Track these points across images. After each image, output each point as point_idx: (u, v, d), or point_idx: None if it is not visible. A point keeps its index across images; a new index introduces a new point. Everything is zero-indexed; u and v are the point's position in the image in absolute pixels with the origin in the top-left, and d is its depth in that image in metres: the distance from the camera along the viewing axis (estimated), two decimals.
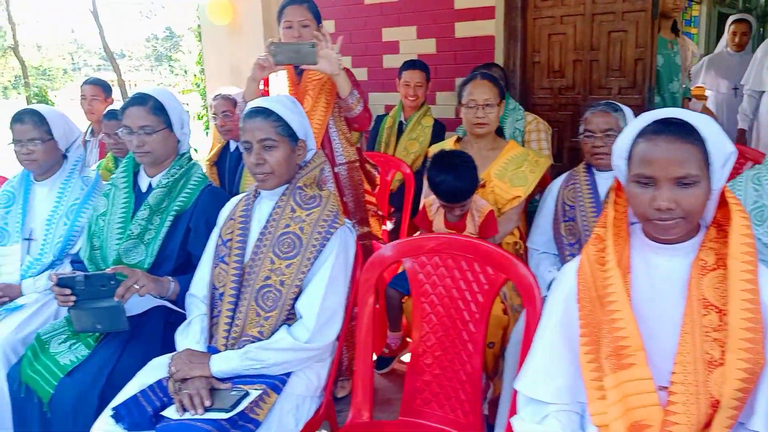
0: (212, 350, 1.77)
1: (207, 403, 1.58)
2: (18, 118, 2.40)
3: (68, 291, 1.88)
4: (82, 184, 2.50)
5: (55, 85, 12.21)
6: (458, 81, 3.32)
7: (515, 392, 1.41)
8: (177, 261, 2.08)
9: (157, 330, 2.03)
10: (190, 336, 1.83)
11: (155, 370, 1.79)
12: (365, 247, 2.64)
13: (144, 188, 2.17)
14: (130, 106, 2.07)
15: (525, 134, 3.36)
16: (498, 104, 2.52)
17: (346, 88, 2.49)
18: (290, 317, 1.75)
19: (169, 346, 1.98)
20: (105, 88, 3.85)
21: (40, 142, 2.40)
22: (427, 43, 4.19)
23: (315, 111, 2.58)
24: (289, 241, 1.73)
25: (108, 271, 1.88)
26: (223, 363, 1.70)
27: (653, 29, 3.54)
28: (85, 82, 3.85)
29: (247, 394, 1.61)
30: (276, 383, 1.69)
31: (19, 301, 2.32)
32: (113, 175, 2.26)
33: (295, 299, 1.73)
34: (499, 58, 3.92)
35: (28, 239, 2.44)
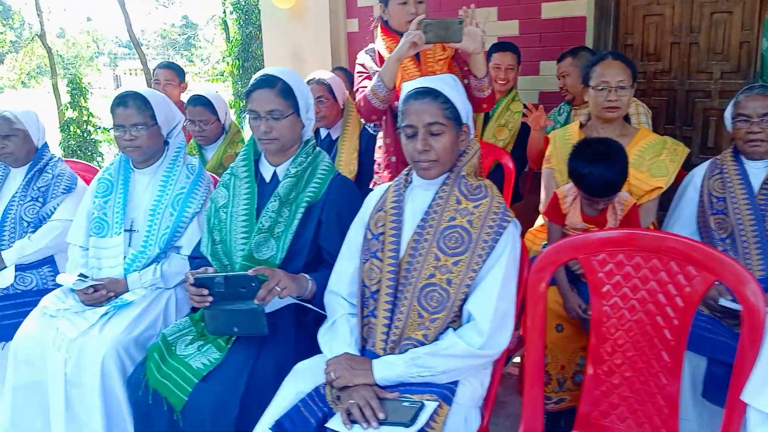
0: (368, 354, 1.62)
1: (381, 416, 1.42)
2: (121, 101, 2.24)
3: (206, 291, 1.75)
4: (188, 172, 2.35)
5: (80, 73, 12.16)
6: (541, 64, 3.21)
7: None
8: (308, 256, 1.92)
9: (290, 331, 1.87)
10: (339, 338, 1.67)
11: (305, 375, 1.64)
12: None
13: (268, 178, 2.01)
14: (257, 89, 1.91)
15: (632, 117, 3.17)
16: (631, 86, 2.33)
17: (482, 68, 2.33)
18: (454, 319, 1.59)
19: (301, 349, 1.84)
20: (179, 72, 3.69)
21: (145, 128, 2.25)
22: (509, 24, 3.98)
23: None
24: (456, 236, 1.56)
25: (250, 272, 1.73)
26: (387, 369, 1.54)
27: (761, 11, 3.32)
28: (159, 66, 3.70)
29: (422, 405, 1.45)
30: (446, 393, 1.53)
31: (127, 297, 2.18)
32: (232, 164, 2.10)
33: (464, 300, 1.56)
34: (588, 41, 3.71)
35: (130, 231, 2.30)
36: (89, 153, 10.58)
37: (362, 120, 2.82)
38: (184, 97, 3.61)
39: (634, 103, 3.18)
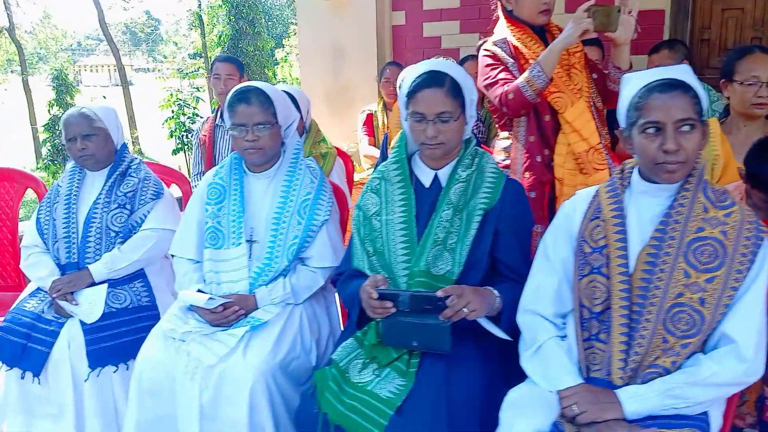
0: (599, 383, 1.43)
1: None
2: (243, 97, 2.01)
3: (389, 304, 1.56)
4: (311, 176, 2.12)
5: (64, 68, 11.59)
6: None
7: None
8: (485, 269, 1.72)
9: (470, 349, 1.67)
10: (557, 366, 1.48)
11: (529, 408, 1.45)
12: None
13: (427, 182, 1.80)
14: (424, 88, 1.69)
15: None
16: None
17: (627, 60, 2.18)
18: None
19: (490, 371, 1.65)
20: (239, 66, 3.43)
21: (268, 128, 2.02)
22: None
23: (587, 88, 2.24)
24: (709, 249, 1.38)
25: (439, 293, 1.53)
26: (639, 403, 1.35)
27: None
28: (218, 60, 3.43)
29: None
30: (703, 425, 1.36)
31: (259, 315, 1.95)
32: (381, 168, 1.88)
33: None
34: (665, 35, 3.58)
35: (250, 241, 2.07)
36: None
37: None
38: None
39: None
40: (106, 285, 2.22)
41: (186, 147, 8.04)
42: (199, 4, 21.06)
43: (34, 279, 2.31)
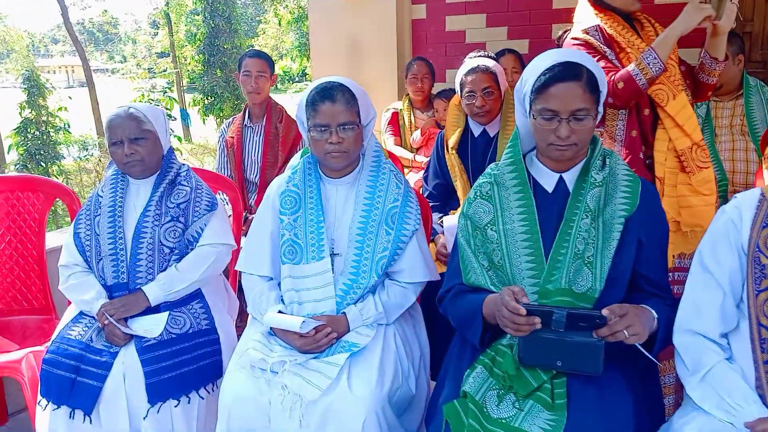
0: None
1: None
2: (327, 94, 1.79)
3: (538, 320, 1.37)
4: (396, 181, 1.91)
5: (36, 68, 11.05)
6: None
7: None
8: (627, 285, 1.54)
9: (617, 377, 1.48)
10: (739, 396, 1.31)
11: None
12: None
13: (550, 187, 1.61)
14: (558, 82, 1.49)
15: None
16: None
17: (723, 50, 2.04)
18: None
19: (643, 399, 1.47)
20: (270, 62, 3.18)
21: (353, 128, 1.81)
22: None
23: (681, 81, 2.08)
24: None
25: (604, 312, 1.35)
26: None
27: None
28: (248, 55, 3.17)
29: None
30: None
31: (354, 339, 1.74)
32: (492, 171, 1.68)
33: None
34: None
35: (332, 254, 1.85)
36: (51, 156, 9.57)
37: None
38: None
39: None
40: (167, 313, 1.97)
41: None
42: (167, 2, 20.55)
43: (77, 302, 2.04)
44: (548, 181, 1.61)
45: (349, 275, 1.82)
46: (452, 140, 2.63)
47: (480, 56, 3.35)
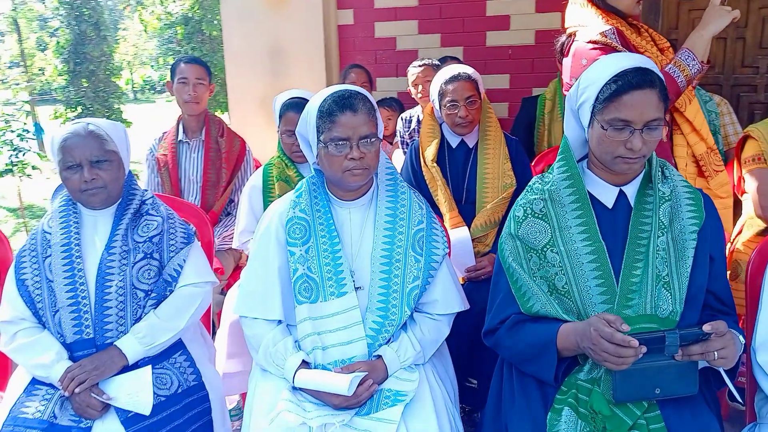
0: None
1: None
2: (348, 103, 1.56)
3: (644, 349, 1.24)
4: (418, 201, 1.71)
5: None
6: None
7: None
8: (702, 305, 1.45)
9: (700, 399, 1.39)
10: None
11: None
12: None
13: (610, 203, 1.49)
14: (633, 90, 1.36)
15: (719, 117, 3.09)
16: None
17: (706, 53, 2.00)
18: None
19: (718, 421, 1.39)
20: (208, 70, 2.84)
21: (374, 142, 1.60)
22: (549, 17, 3.71)
23: None
24: None
25: (706, 328, 1.24)
26: None
27: None
28: (183, 61, 2.80)
29: None
30: None
31: (399, 386, 1.52)
32: (542, 186, 1.52)
33: None
34: None
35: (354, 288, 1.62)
36: None
37: None
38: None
39: (722, 100, 3.12)
40: (149, 367, 1.63)
41: (16, 168, 6.79)
42: (14, 8, 18.65)
43: (29, 367, 1.64)
44: (607, 195, 1.49)
45: (378, 311, 1.59)
46: (430, 152, 2.46)
47: (424, 65, 3.22)
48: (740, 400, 1.41)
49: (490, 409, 1.56)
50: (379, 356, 1.56)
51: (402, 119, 3.39)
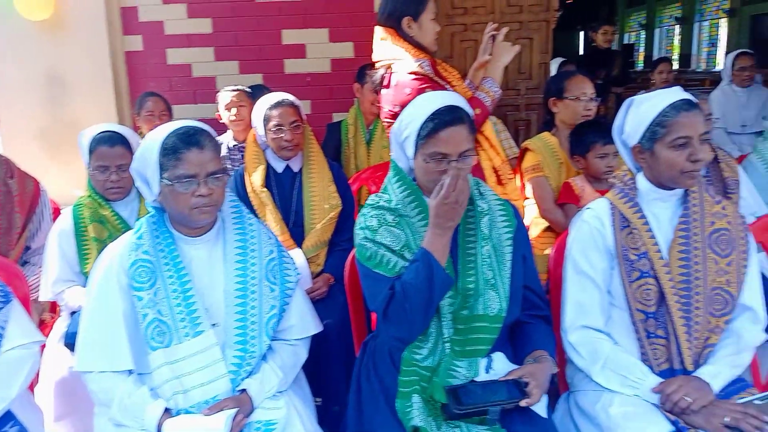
0: (671, 373, 1.58)
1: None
2: (193, 140, 1.56)
3: None
4: (265, 229, 1.74)
5: None
6: None
7: None
8: (521, 301, 1.69)
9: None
10: (637, 371, 1.59)
11: (642, 415, 1.52)
12: None
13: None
14: (448, 126, 1.54)
15: (498, 134, 3.57)
16: None
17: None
18: None
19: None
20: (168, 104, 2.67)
21: (221, 178, 1.61)
22: (342, 47, 3.93)
23: None
24: (724, 238, 1.65)
25: (514, 375, 1.52)
26: (719, 380, 1.56)
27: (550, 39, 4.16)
28: (148, 95, 2.95)
29: None
30: (749, 381, 1.64)
31: (266, 416, 1.55)
32: (386, 205, 1.63)
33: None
34: None
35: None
36: None
37: None
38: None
39: (497, 120, 3.62)
40: None
41: None
42: None
43: None
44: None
45: (237, 345, 1.59)
46: (258, 178, 2.49)
47: (238, 89, 3.24)
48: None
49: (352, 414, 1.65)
50: (243, 390, 1.56)
51: None
